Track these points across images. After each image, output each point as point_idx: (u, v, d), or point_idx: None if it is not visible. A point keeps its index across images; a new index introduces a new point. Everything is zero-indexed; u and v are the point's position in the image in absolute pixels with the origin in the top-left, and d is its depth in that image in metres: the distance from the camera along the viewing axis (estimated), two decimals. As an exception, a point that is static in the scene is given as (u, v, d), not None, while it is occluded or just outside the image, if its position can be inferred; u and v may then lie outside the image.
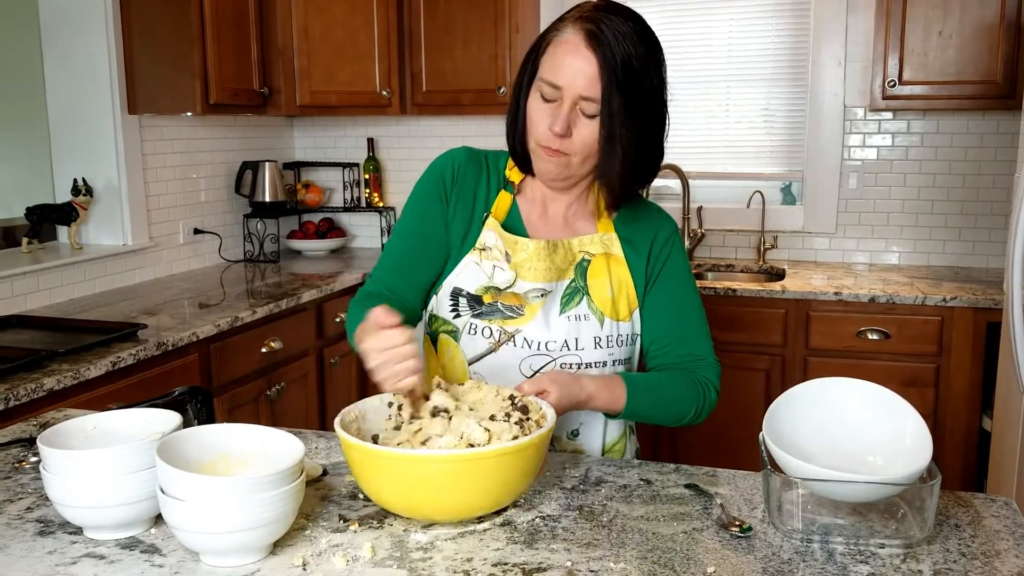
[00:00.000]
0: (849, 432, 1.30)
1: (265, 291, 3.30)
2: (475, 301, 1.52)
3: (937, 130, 3.65)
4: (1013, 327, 2.41)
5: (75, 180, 3.22)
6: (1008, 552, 1.13)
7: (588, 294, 1.53)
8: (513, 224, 1.56)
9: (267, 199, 3.93)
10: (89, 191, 3.23)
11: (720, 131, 3.96)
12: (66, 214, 3.19)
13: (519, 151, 1.52)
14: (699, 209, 3.92)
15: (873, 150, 3.74)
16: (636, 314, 1.56)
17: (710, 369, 1.55)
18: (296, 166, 4.34)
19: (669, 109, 1.48)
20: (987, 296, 3.10)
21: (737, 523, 1.19)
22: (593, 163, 1.47)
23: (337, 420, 1.23)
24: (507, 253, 1.52)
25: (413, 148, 4.30)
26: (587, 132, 1.41)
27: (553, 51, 1.41)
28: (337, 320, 3.45)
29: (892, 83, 3.33)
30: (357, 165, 4.36)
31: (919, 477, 1.17)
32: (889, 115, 3.68)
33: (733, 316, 3.31)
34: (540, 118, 1.43)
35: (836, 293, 3.21)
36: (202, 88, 3.22)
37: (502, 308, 1.51)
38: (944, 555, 1.12)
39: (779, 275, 3.68)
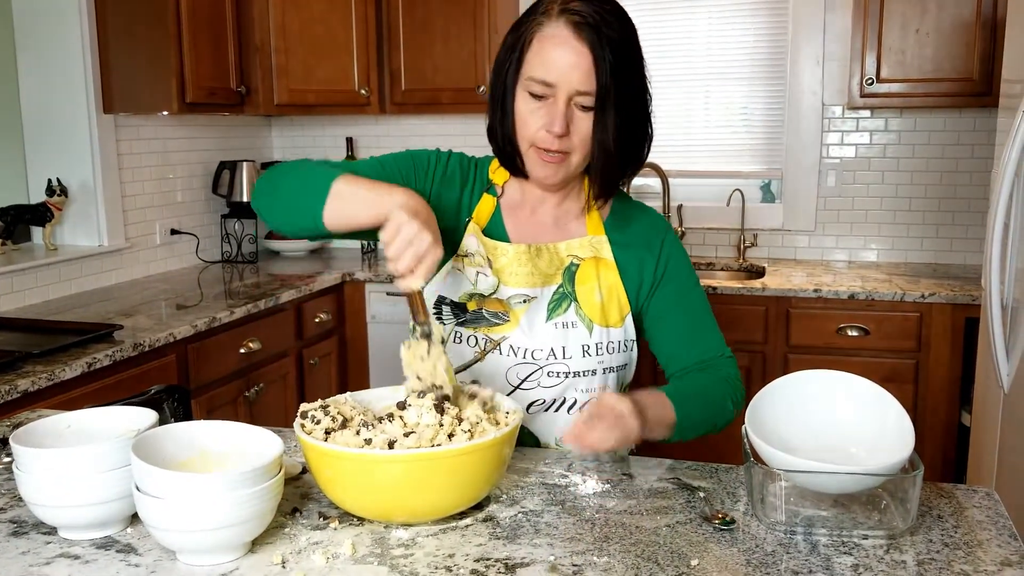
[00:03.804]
0: (832, 424, 1.30)
1: (243, 291, 3.27)
2: (459, 309, 1.49)
3: (914, 128, 3.67)
4: (992, 323, 2.42)
5: (49, 180, 3.18)
6: (991, 542, 1.13)
7: (576, 300, 1.48)
8: (496, 228, 1.53)
9: (245, 199, 3.90)
10: (64, 191, 3.19)
11: (700, 130, 3.97)
12: (40, 215, 3.15)
13: (508, 152, 1.46)
14: (679, 208, 3.93)
15: (851, 148, 3.76)
16: (629, 319, 1.52)
17: (728, 363, 1.53)
18: (274, 165, 4.30)
19: (651, 90, 1.45)
20: (965, 292, 3.11)
21: (720, 516, 1.18)
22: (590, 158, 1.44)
23: (296, 423, 1.21)
24: (489, 258, 1.49)
25: (392, 148, 4.18)
26: (585, 127, 1.38)
27: (540, 47, 1.36)
28: (316, 321, 3.42)
29: (870, 81, 3.35)
30: (336, 165, 4.32)
31: (901, 468, 1.17)
32: (867, 113, 3.70)
33: (713, 314, 3.31)
34: (533, 119, 1.39)
35: (816, 290, 3.22)
36: (178, 87, 3.19)
37: (487, 315, 1.48)
38: (927, 545, 1.12)
39: (759, 273, 3.69)
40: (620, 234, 1.54)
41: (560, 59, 1.34)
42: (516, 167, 1.48)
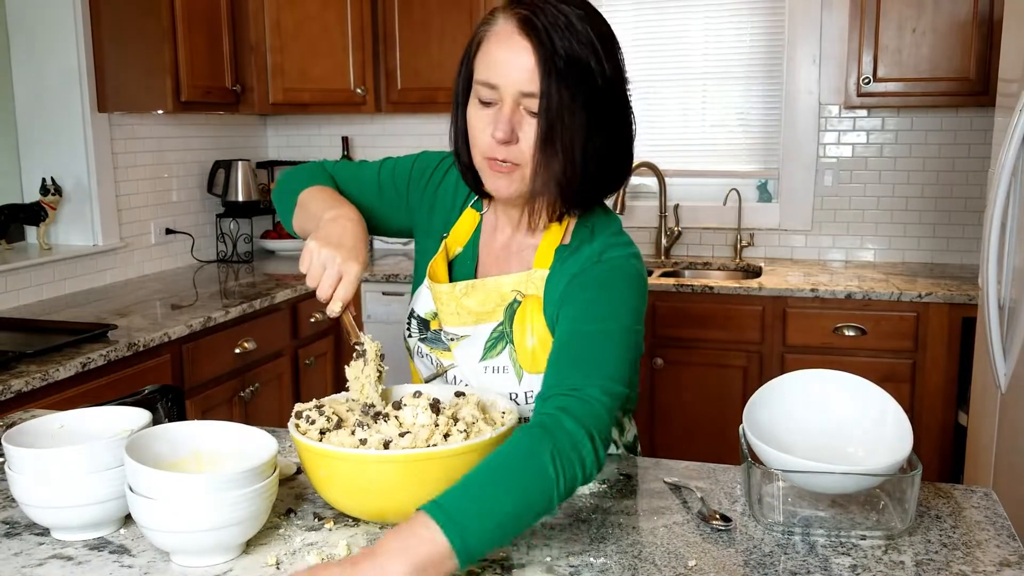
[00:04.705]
0: (829, 424, 1.29)
1: (238, 291, 3.26)
2: (423, 325, 1.44)
3: (911, 127, 3.67)
4: (989, 323, 2.42)
5: (44, 179, 3.16)
6: (989, 542, 1.12)
7: (512, 342, 1.34)
8: (469, 248, 1.44)
9: (240, 199, 3.89)
10: (58, 190, 3.18)
11: (696, 129, 3.96)
12: (35, 214, 3.14)
13: (463, 170, 1.34)
14: (676, 207, 3.92)
15: (848, 147, 3.75)
16: None
17: (586, 405, 1.12)
18: (269, 165, 4.29)
19: (635, 109, 1.28)
20: (962, 292, 3.11)
21: (718, 516, 1.17)
22: None
23: (291, 423, 1.20)
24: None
25: (388, 147, 4.27)
26: (535, 134, 1.21)
27: (486, 48, 1.23)
28: (312, 320, 3.41)
29: (867, 80, 3.34)
30: (332, 164, 4.31)
31: (900, 468, 1.17)
32: (864, 112, 3.70)
33: (710, 313, 3.31)
34: (482, 126, 1.24)
35: (812, 290, 3.22)
36: (173, 85, 3.18)
37: (443, 338, 1.41)
38: (925, 546, 1.11)
39: (756, 272, 3.69)
40: (561, 265, 1.33)
41: (503, 59, 1.20)
42: (475, 185, 1.35)
